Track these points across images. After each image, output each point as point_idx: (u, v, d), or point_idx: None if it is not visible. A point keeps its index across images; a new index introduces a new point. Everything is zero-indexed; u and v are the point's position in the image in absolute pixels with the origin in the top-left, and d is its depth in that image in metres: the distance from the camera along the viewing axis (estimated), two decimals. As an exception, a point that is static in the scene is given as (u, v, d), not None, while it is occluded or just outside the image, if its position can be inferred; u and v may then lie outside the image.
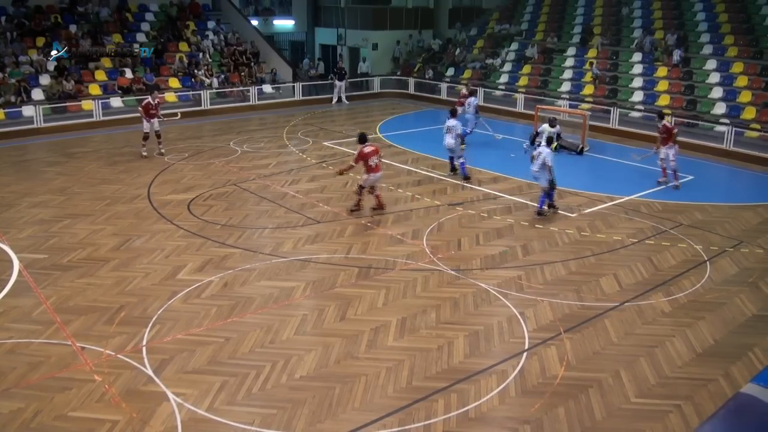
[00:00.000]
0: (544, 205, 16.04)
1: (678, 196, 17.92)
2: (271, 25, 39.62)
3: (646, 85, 28.76)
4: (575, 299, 11.60)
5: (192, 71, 30.46)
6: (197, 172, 19.42)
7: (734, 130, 23.21)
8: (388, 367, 9.25)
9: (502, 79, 33.45)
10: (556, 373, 9.20)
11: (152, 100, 21.11)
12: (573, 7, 36.42)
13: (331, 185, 18.23)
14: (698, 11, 31.43)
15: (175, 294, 11.42)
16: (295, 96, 32.11)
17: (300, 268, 12.66)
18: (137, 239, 14.03)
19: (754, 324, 10.89)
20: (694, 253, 13.91)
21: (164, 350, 9.58)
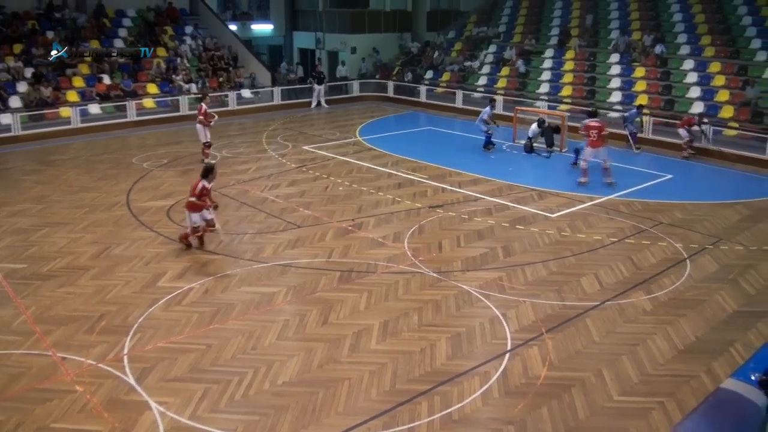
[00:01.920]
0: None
1: (658, 195, 18.04)
2: (249, 30, 39.51)
3: (623, 85, 28.97)
4: (557, 299, 11.64)
5: (170, 76, 30.31)
6: (176, 178, 19.31)
7: (712, 129, 23.42)
8: (371, 370, 9.23)
9: (480, 82, 33.55)
10: (539, 373, 9.22)
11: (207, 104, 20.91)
12: (550, 9, 36.66)
13: (311, 189, 18.19)
14: (675, 12, 31.72)
15: (156, 301, 11.33)
16: (274, 100, 32.02)
17: (281, 273, 12.62)
18: (117, 247, 13.91)
19: (735, 320, 10.98)
20: (674, 251, 14.00)
21: (145, 359, 9.50)
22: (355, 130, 26.78)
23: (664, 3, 32.64)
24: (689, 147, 22.48)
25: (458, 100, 31.37)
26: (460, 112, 30.53)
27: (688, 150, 22.49)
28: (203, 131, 20.70)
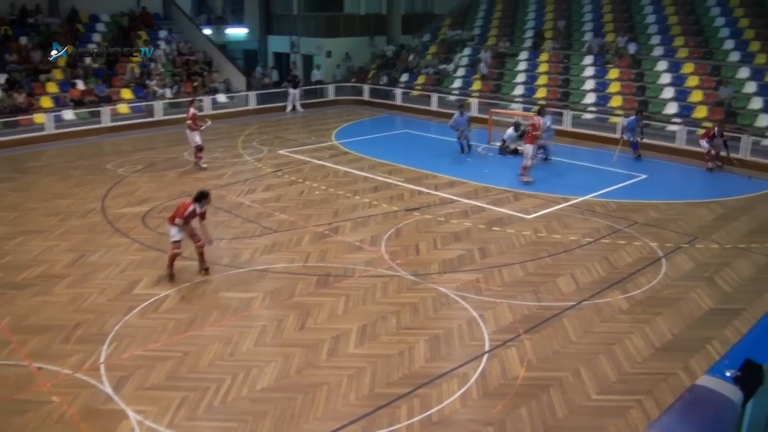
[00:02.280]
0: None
1: (632, 194, 18.19)
2: (223, 34, 39.33)
3: (597, 87, 29.19)
4: (533, 300, 11.69)
5: (144, 82, 30.10)
6: (151, 184, 19.18)
7: (686, 129, 23.67)
8: (350, 374, 9.20)
9: (455, 84, 33.66)
10: (517, 374, 9.24)
11: (198, 111, 20.74)
12: (524, 12, 36.87)
13: (287, 194, 18.13)
14: (648, 14, 32.04)
15: (132, 309, 11.22)
16: (249, 105, 31.91)
17: (258, 279, 12.56)
18: (92, 254, 13.77)
19: (711, 317, 11.08)
20: (650, 250, 14.11)
21: (122, 367, 9.40)
22: (330, 134, 26.75)
23: (638, 5, 32.97)
24: (712, 159, 21.27)
25: (433, 103, 31.44)
26: (436, 114, 30.58)
27: (714, 161, 21.31)
28: (192, 135, 20.61)
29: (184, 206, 12.24)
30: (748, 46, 27.31)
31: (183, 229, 12.21)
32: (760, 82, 25.42)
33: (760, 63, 26.24)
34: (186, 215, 12.12)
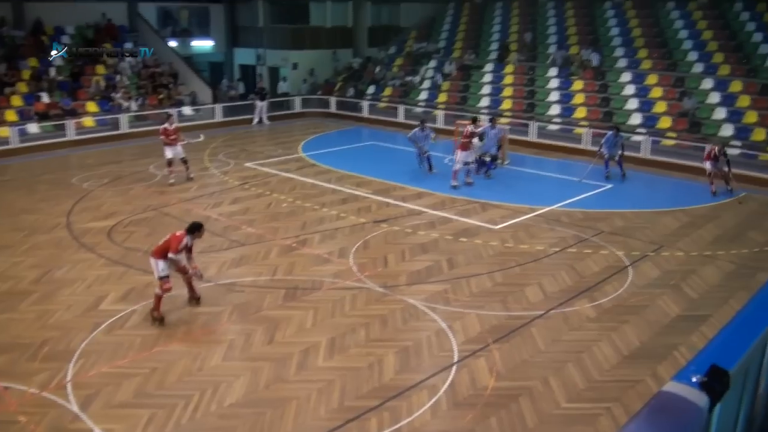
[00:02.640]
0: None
1: (598, 204, 18.38)
2: (189, 47, 39.09)
3: (562, 98, 29.50)
4: (502, 310, 11.73)
5: (109, 94, 29.83)
6: (117, 197, 18.96)
7: (651, 139, 24.01)
8: (319, 388, 9.15)
9: (421, 96, 33.80)
10: (487, 384, 9.26)
11: (169, 125, 20.36)
12: (489, 25, 37.24)
13: (254, 207, 18.04)
14: (612, 26, 32.56)
15: (99, 325, 11.05)
16: (215, 117, 31.71)
17: (225, 293, 12.46)
18: (58, 270, 13.56)
19: (678, 324, 11.22)
20: (616, 259, 14.25)
21: (89, 385, 9.24)
22: (297, 147, 26.69)
23: (602, 17, 33.49)
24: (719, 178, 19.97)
25: (400, 115, 31.53)
26: (403, 126, 30.63)
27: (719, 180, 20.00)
28: (167, 150, 20.31)
29: (176, 239, 11.11)
30: (712, 57, 27.84)
31: (173, 263, 11.17)
32: (724, 92, 25.92)
33: (724, 74, 26.75)
34: (180, 248, 11.10)
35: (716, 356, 2.45)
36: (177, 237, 11.15)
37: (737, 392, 2.68)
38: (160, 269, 11.07)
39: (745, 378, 2.76)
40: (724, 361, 2.40)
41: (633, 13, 32.80)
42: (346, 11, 40.48)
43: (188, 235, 11.26)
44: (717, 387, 2.31)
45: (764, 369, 3.08)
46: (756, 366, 2.91)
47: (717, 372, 2.35)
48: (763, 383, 3.13)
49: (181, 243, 11.10)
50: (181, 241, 11.11)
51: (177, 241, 11.08)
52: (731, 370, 2.40)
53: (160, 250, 11.12)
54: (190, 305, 11.84)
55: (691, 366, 2.41)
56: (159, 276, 11.09)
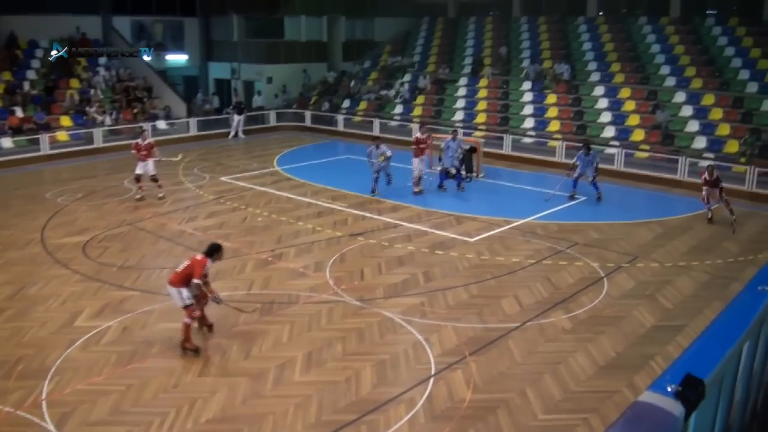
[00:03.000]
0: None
1: (573, 216, 18.50)
2: (163, 60, 38.93)
3: (536, 112, 29.74)
4: (478, 322, 11.75)
5: (83, 109, 29.63)
6: (91, 213, 18.79)
7: (624, 152, 24.27)
8: (296, 403, 9.10)
9: (396, 110, 33.91)
10: (464, 397, 9.26)
11: (141, 141, 20.14)
12: (463, 40, 37.52)
13: (229, 221, 17.96)
14: (585, 41, 32.92)
15: (74, 342, 10.91)
16: (190, 131, 31.59)
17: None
18: (32, 286, 13.38)
19: (654, 334, 11.30)
20: (591, 270, 14.35)
21: (65, 403, 9.11)
22: (273, 160, 26.64)
23: (575, 32, 33.87)
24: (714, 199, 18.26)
25: (375, 129, 31.58)
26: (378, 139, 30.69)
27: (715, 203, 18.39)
28: (140, 165, 20.04)
29: (199, 263, 10.50)
30: (684, 71, 28.27)
31: (196, 288, 10.52)
32: (696, 105, 26.32)
33: (696, 87, 27.18)
34: (204, 273, 10.54)
35: (691, 366, 2.47)
36: (199, 261, 10.53)
37: (713, 401, 2.71)
38: (185, 297, 10.40)
39: (720, 387, 2.78)
40: (699, 371, 2.42)
41: (605, 27, 33.25)
42: (321, 26, 40.56)
43: (209, 258, 10.71)
44: (692, 396, 2.33)
45: (739, 378, 3.11)
46: (731, 375, 2.94)
47: (692, 381, 2.36)
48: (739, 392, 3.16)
49: (205, 267, 10.52)
50: (205, 266, 10.53)
51: (201, 266, 10.46)
52: (706, 380, 2.42)
53: (181, 278, 10.44)
54: (200, 332, 11.21)
55: (666, 376, 2.42)
56: (185, 305, 10.44)
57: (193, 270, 10.42)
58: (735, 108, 25.62)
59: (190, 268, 10.47)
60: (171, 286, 10.52)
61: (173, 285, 10.47)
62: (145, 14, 37.97)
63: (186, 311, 10.46)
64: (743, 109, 25.44)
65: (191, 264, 10.54)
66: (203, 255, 10.69)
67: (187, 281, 10.41)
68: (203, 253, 10.75)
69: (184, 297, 10.41)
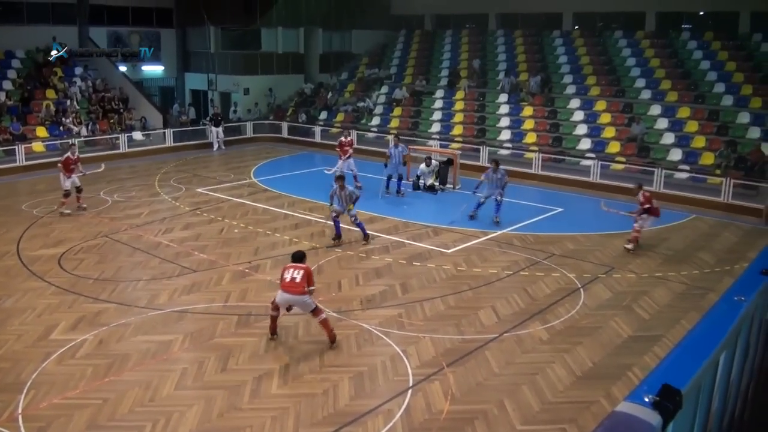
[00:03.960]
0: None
1: (549, 227, 18.61)
2: (139, 71, 38.77)
3: (512, 124, 29.93)
4: (456, 333, 11.76)
5: (59, 119, 29.40)
6: (67, 224, 18.59)
7: (600, 163, 24.47)
8: (274, 416, 9.04)
9: (374, 122, 33.96)
10: (442, 408, 9.25)
11: (72, 155, 19.92)
12: (440, 52, 37.73)
13: (206, 233, 17.86)
14: (561, 54, 33.23)
15: (49, 355, 10.77)
16: (166, 142, 31.44)
17: (177, 320, 12.27)
18: (7, 299, 13.20)
19: (631, 345, 11.37)
20: (568, 281, 14.42)
21: (41, 417, 8.98)
22: (249, 172, 26.57)
23: (550, 46, 34.17)
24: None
25: (353, 140, 31.53)
26: (355, 151, 30.64)
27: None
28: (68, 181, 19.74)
29: (309, 271, 11.12)
30: (660, 84, 28.62)
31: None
32: (671, 118, 26.66)
33: (671, 100, 27.53)
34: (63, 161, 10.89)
35: (668, 376, 2.49)
36: (308, 269, 11.10)
37: (690, 411, 2.73)
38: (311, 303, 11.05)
39: (697, 397, 2.81)
40: (676, 381, 2.44)
41: (581, 41, 33.61)
42: (298, 38, 40.58)
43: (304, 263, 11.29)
44: (669, 406, 2.35)
45: (716, 388, 3.14)
46: (708, 385, 2.97)
47: (669, 391, 2.39)
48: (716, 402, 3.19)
49: (311, 274, 11.16)
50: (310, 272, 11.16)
51: (310, 273, 11.13)
52: (684, 390, 2.44)
53: (302, 286, 10.89)
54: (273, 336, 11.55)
55: (643, 386, 2.44)
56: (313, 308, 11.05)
57: (309, 277, 11.02)
58: (710, 120, 25.97)
59: (307, 274, 11.02)
60: (297, 295, 10.92)
61: (300, 293, 10.90)
62: (121, 25, 37.82)
63: (315, 312, 11.06)
64: (718, 121, 25.79)
65: (306, 271, 11.03)
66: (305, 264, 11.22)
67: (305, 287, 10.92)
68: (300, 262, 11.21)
69: (309, 302, 11.02)
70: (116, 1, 37.14)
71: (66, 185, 19.74)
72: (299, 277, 10.91)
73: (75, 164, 19.88)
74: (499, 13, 37.89)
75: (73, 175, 19.81)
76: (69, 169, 19.72)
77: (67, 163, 19.75)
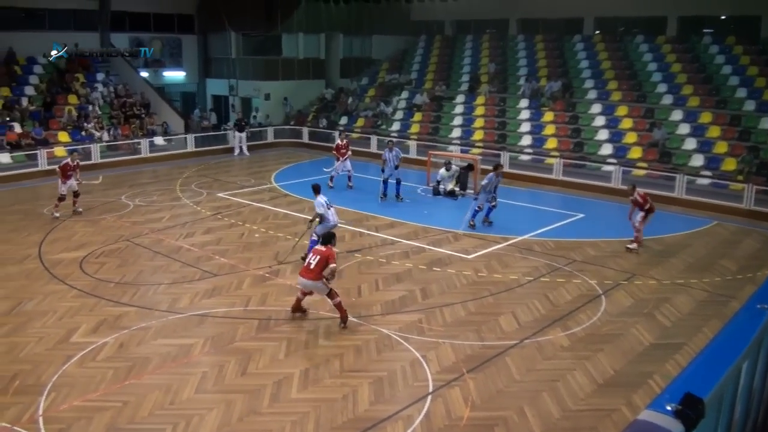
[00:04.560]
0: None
1: (570, 233, 18.52)
2: (161, 77, 39.10)
3: (533, 129, 29.84)
4: (476, 339, 11.73)
5: (81, 124, 29.68)
6: (88, 228, 18.76)
7: (621, 169, 24.33)
8: (293, 420, 9.05)
9: (394, 127, 34.00)
10: (462, 414, 9.22)
11: (71, 161, 20.17)
12: (460, 57, 37.69)
13: (226, 237, 17.95)
14: (582, 59, 33.09)
15: (70, 358, 10.86)
16: (188, 147, 31.64)
17: (198, 324, 12.33)
18: (29, 302, 13.32)
19: (652, 352, 11.27)
20: (589, 287, 14.34)
21: (61, 419, 9.05)
22: (270, 176, 26.68)
23: (571, 50, 34.04)
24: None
25: (373, 145, 31.67)
26: (375, 156, 30.78)
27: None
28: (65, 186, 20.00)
29: (331, 252, 11.94)
30: (681, 89, 28.43)
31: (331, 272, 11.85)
32: (693, 123, 26.47)
33: (693, 105, 27.36)
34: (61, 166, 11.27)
35: (691, 384, 2.47)
36: (330, 250, 11.90)
37: (712, 420, 2.70)
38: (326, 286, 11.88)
39: (719, 406, 2.78)
40: (698, 389, 2.42)
41: (602, 46, 33.47)
42: (319, 43, 40.75)
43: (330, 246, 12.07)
44: (692, 415, 2.33)
45: (739, 397, 3.11)
46: (730, 394, 2.94)
47: (692, 400, 2.36)
48: (738, 411, 3.16)
49: (330, 256, 11.79)
50: (333, 253, 11.91)
51: (333, 254, 11.91)
52: (706, 398, 2.42)
53: (318, 270, 11.71)
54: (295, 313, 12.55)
55: (665, 394, 2.42)
56: (328, 291, 11.89)
57: (329, 258, 11.73)
58: (732, 126, 25.76)
59: (324, 259, 11.73)
60: (310, 280, 11.84)
61: (313, 279, 11.78)
62: (143, 31, 38.17)
63: (331, 296, 11.90)
64: (741, 126, 25.58)
65: (326, 255, 11.80)
66: (326, 246, 12.04)
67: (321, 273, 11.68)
68: (323, 244, 12.16)
69: (322, 287, 11.85)
70: (138, 8, 37.48)
71: (62, 190, 19.98)
72: (314, 262, 11.73)
73: (73, 171, 20.07)
74: (519, 18, 37.84)
75: (69, 181, 20.00)
76: (66, 175, 19.91)
77: (65, 169, 19.95)
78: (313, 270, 11.70)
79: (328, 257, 11.77)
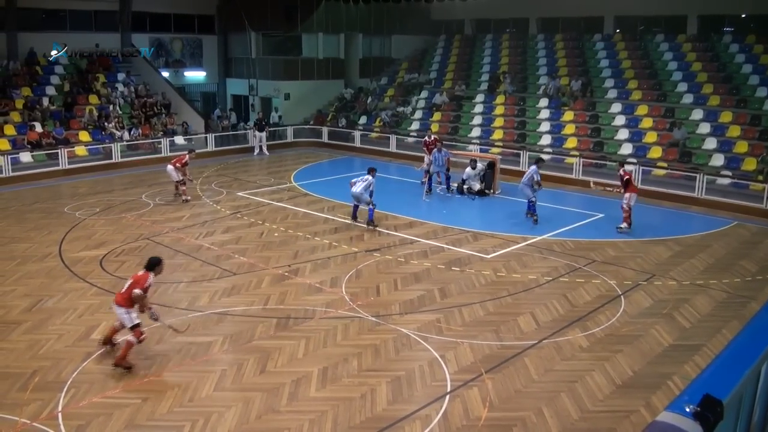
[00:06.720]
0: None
1: (590, 233, 18.43)
2: (182, 77, 39.32)
3: (553, 129, 29.72)
4: (494, 339, 11.70)
5: (102, 124, 29.92)
6: (109, 227, 18.91)
7: (641, 169, 24.18)
8: (311, 419, 9.08)
9: (413, 127, 33.99)
10: (480, 415, 9.21)
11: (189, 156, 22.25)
12: (480, 57, 37.62)
13: (246, 236, 18.02)
14: (602, 58, 32.93)
15: (90, 355, 10.96)
16: (208, 147, 31.79)
17: (217, 322, 12.39)
18: (49, 299, 13.47)
19: (671, 353, 11.20)
20: (609, 288, 14.27)
21: (80, 415, 9.14)
22: (289, 176, 26.75)
23: (591, 50, 33.88)
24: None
25: (392, 145, 31.70)
26: (394, 156, 30.85)
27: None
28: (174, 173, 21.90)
29: (142, 278, 10.57)
30: (701, 88, 28.20)
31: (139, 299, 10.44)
32: (714, 123, 26.25)
33: (713, 105, 27.13)
34: (146, 287, 10.51)
35: (710, 386, 2.46)
36: (142, 276, 10.62)
37: (731, 422, 2.69)
38: (133, 318, 10.50)
39: (739, 408, 2.77)
40: (717, 391, 2.41)
41: (622, 45, 33.28)
42: (338, 43, 40.83)
43: (150, 272, 10.73)
44: (711, 417, 2.32)
45: (758, 399, 3.09)
46: (750, 396, 2.92)
47: (711, 402, 2.35)
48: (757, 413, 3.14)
49: (147, 282, 10.57)
50: (147, 280, 10.59)
51: (143, 280, 10.55)
52: (725, 400, 2.41)
53: (127, 297, 10.47)
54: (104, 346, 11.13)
55: (684, 396, 2.41)
56: (132, 325, 10.49)
57: (136, 286, 10.49)
58: (753, 125, 25.52)
59: (134, 285, 10.52)
60: (118, 307, 10.56)
61: (120, 305, 10.52)
62: (164, 32, 38.42)
63: (135, 332, 10.51)
64: (761, 126, 25.34)
65: (134, 281, 10.60)
66: (144, 270, 10.77)
67: (128, 300, 10.48)
68: (144, 268, 10.82)
69: (133, 317, 10.51)
70: (159, 8, 37.74)
71: (179, 176, 21.92)
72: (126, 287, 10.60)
73: (183, 165, 21.99)
74: (539, 17, 37.70)
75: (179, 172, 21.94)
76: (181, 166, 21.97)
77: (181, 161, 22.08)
78: (123, 294, 10.51)
79: (136, 285, 10.48)
